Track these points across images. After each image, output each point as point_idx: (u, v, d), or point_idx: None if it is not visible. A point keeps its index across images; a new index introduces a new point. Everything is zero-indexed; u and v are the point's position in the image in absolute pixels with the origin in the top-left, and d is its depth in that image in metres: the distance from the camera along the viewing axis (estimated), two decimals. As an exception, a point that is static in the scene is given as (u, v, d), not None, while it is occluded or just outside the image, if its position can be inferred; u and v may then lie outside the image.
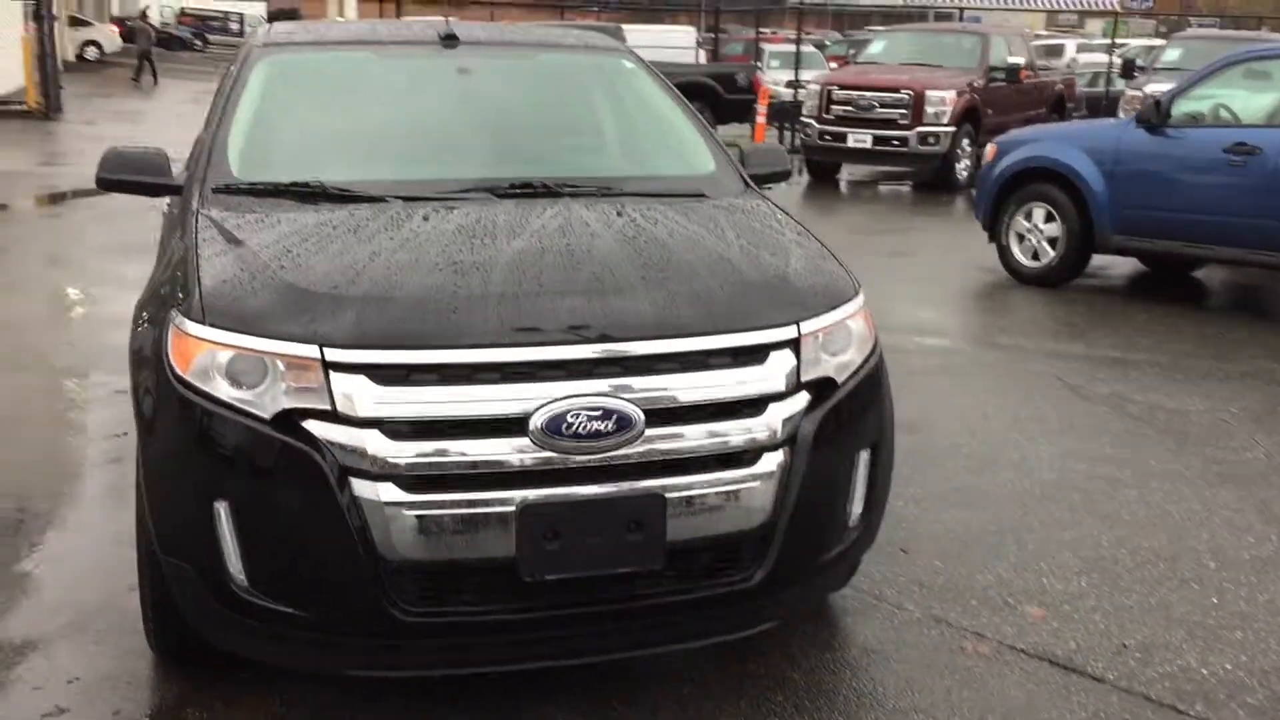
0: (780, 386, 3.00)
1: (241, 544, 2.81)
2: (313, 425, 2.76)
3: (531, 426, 2.77)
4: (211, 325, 2.87)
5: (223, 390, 2.80)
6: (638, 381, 2.86)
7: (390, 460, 2.73)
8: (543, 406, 2.78)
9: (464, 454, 2.76)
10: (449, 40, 4.33)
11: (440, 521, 2.76)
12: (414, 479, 2.75)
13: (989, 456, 5.20)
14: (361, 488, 2.74)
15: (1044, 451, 5.28)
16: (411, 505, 2.74)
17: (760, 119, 15.52)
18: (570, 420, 2.78)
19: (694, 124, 4.26)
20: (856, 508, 3.25)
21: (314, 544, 2.77)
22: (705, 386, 2.93)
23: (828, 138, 15.08)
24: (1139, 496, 4.81)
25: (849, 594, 3.88)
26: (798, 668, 3.49)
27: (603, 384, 2.83)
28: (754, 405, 2.98)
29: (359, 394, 2.74)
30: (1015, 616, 3.81)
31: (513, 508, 2.77)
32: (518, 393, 2.79)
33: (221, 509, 2.80)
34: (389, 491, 2.74)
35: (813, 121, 15.22)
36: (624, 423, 2.81)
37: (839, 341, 3.20)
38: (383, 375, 2.77)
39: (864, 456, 3.24)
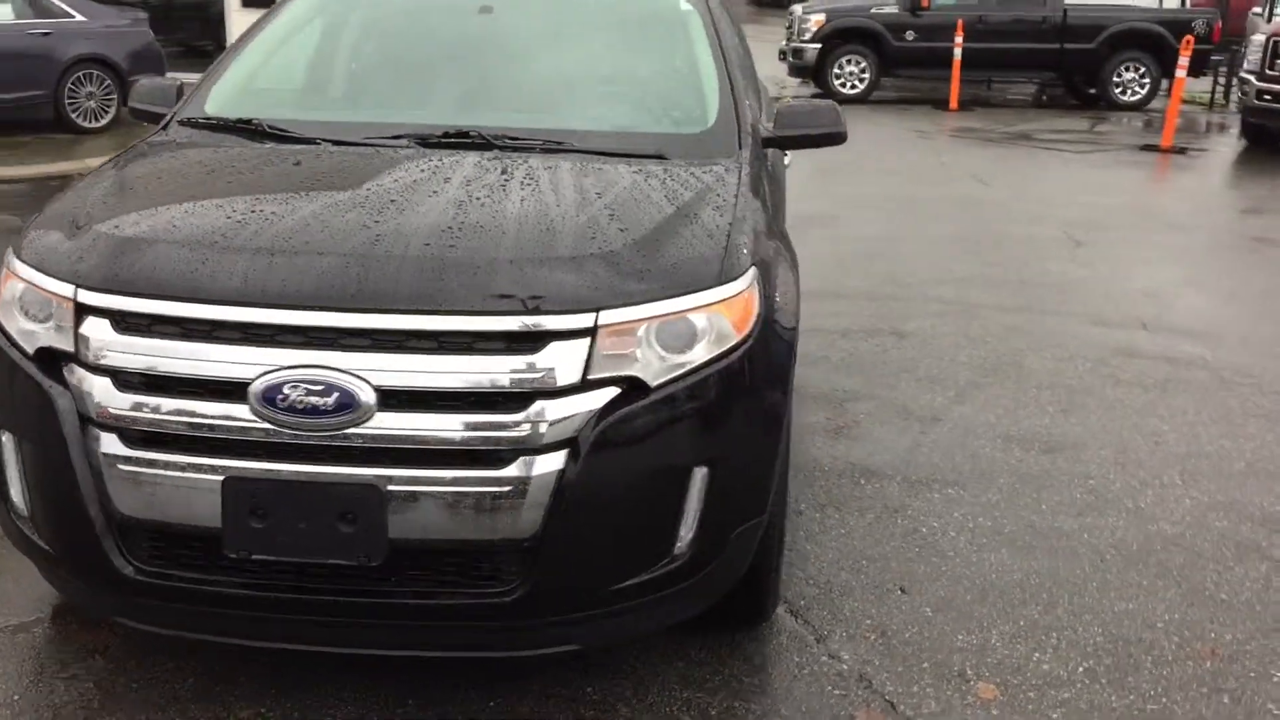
0: (556, 381, 2.61)
1: (21, 476, 2.86)
2: (67, 367, 2.74)
3: (250, 394, 2.59)
4: (18, 257, 2.92)
5: (14, 323, 2.85)
6: (379, 359, 2.60)
7: (115, 412, 2.67)
8: (265, 375, 2.58)
9: (181, 414, 2.64)
10: None
11: (155, 482, 2.66)
12: (137, 434, 2.67)
13: (1110, 497, 4.30)
14: (95, 437, 2.69)
15: (1186, 504, 4.29)
16: (130, 460, 2.67)
17: (1180, 72, 13.69)
18: (287, 392, 2.57)
19: (720, 75, 3.79)
20: (686, 532, 2.78)
21: (59, 488, 2.76)
22: (461, 372, 2.60)
23: (1267, 97, 13.07)
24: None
25: (790, 626, 3.40)
26: (639, 692, 3.08)
27: (337, 356, 2.59)
28: (519, 400, 2.60)
29: (98, 339, 2.70)
30: (956, 692, 3.14)
31: (220, 478, 2.61)
32: (248, 356, 2.62)
33: (6, 439, 2.86)
34: (113, 444, 2.68)
35: (1251, 78, 13.25)
36: (346, 402, 2.56)
37: (676, 336, 2.73)
38: (125, 323, 2.69)
39: (700, 474, 2.76)
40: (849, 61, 17.92)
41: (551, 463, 2.61)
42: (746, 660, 3.26)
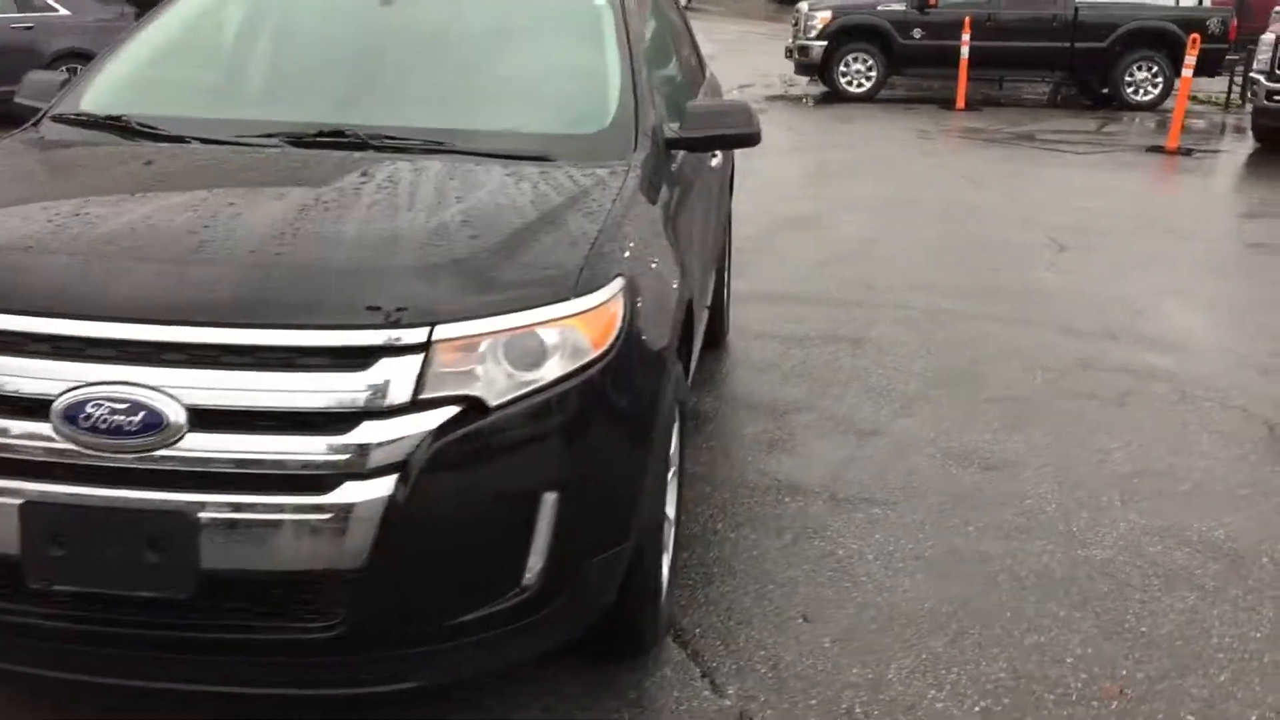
0: (384, 401, 2.43)
1: None
2: None
3: (52, 412, 2.42)
4: None
5: None
6: (193, 375, 2.43)
7: None
8: (69, 391, 2.42)
9: None
10: None
11: None
12: None
13: (1043, 519, 4.09)
14: None
15: (1121, 527, 4.07)
16: None
17: (1186, 71, 13.37)
18: (90, 410, 2.40)
19: (624, 74, 3.60)
20: (535, 562, 2.59)
21: None
22: (279, 390, 2.43)
23: (1278, 98, 12.74)
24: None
25: (676, 658, 3.24)
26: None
27: (148, 372, 2.42)
28: (343, 421, 2.43)
29: None
30: (834, 733, 2.95)
31: (18, 501, 2.44)
32: (55, 371, 2.45)
33: None
34: None
35: (1261, 78, 12.92)
36: (153, 421, 2.39)
37: (524, 352, 2.55)
38: None
39: (549, 499, 2.57)
40: (856, 59, 17.65)
41: (379, 489, 2.44)
42: (620, 695, 3.08)
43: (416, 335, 2.46)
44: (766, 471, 4.42)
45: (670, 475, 3.38)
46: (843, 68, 17.63)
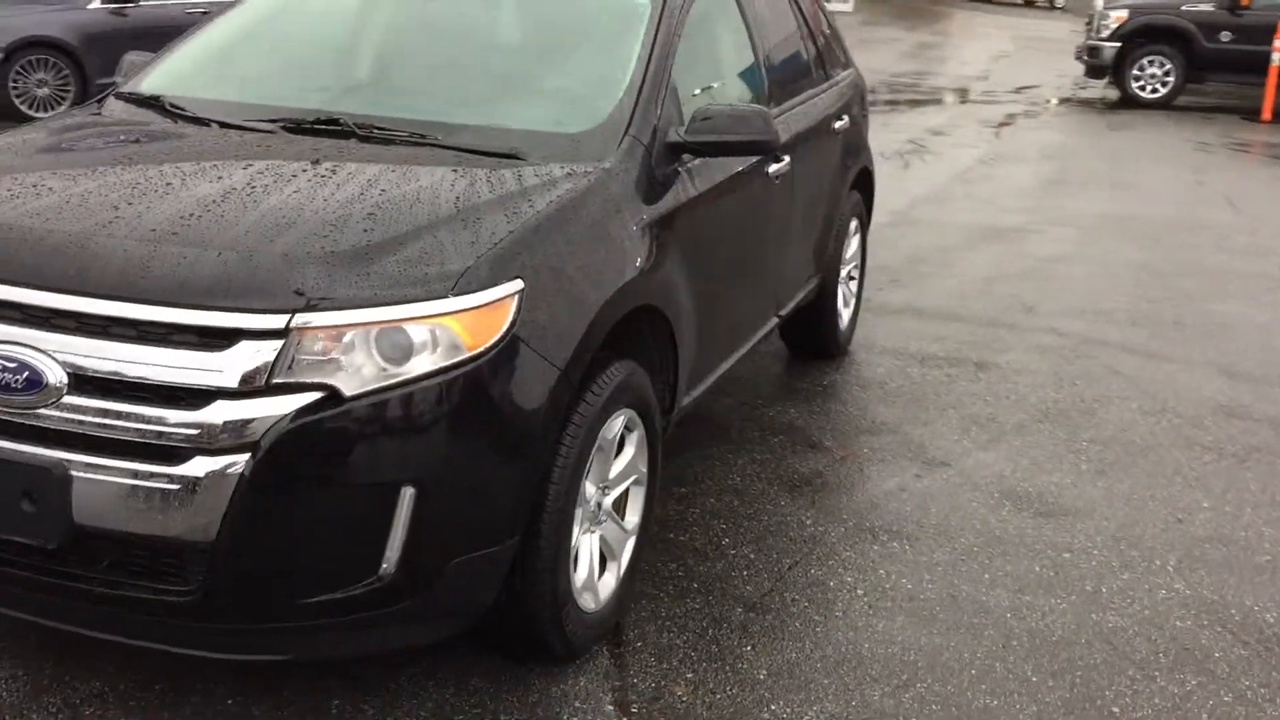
0: (239, 382, 2.54)
1: None
2: None
3: None
4: None
5: None
6: (81, 342, 2.61)
7: None
8: None
9: None
10: None
11: None
12: None
13: (1074, 575, 3.78)
14: None
15: (1160, 595, 3.69)
16: None
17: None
18: (-8, 370, 2.63)
19: (635, 75, 3.56)
20: (392, 553, 2.64)
21: None
22: (149, 363, 2.58)
23: None
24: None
25: (601, 668, 3.20)
26: (383, 713, 2.97)
27: (44, 336, 2.63)
28: (201, 397, 2.56)
29: None
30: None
31: None
32: (-37, 329, 2.68)
33: None
34: None
35: None
36: (35, 381, 2.59)
37: (394, 346, 2.60)
38: None
39: (408, 493, 2.62)
40: (1151, 62, 16.55)
41: (229, 466, 2.54)
42: (520, 699, 3.07)
43: (275, 321, 2.55)
44: (803, 493, 4.26)
45: (631, 483, 3.35)
46: (1136, 71, 16.57)
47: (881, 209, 8.87)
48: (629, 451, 3.35)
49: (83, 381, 2.58)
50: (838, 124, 5.16)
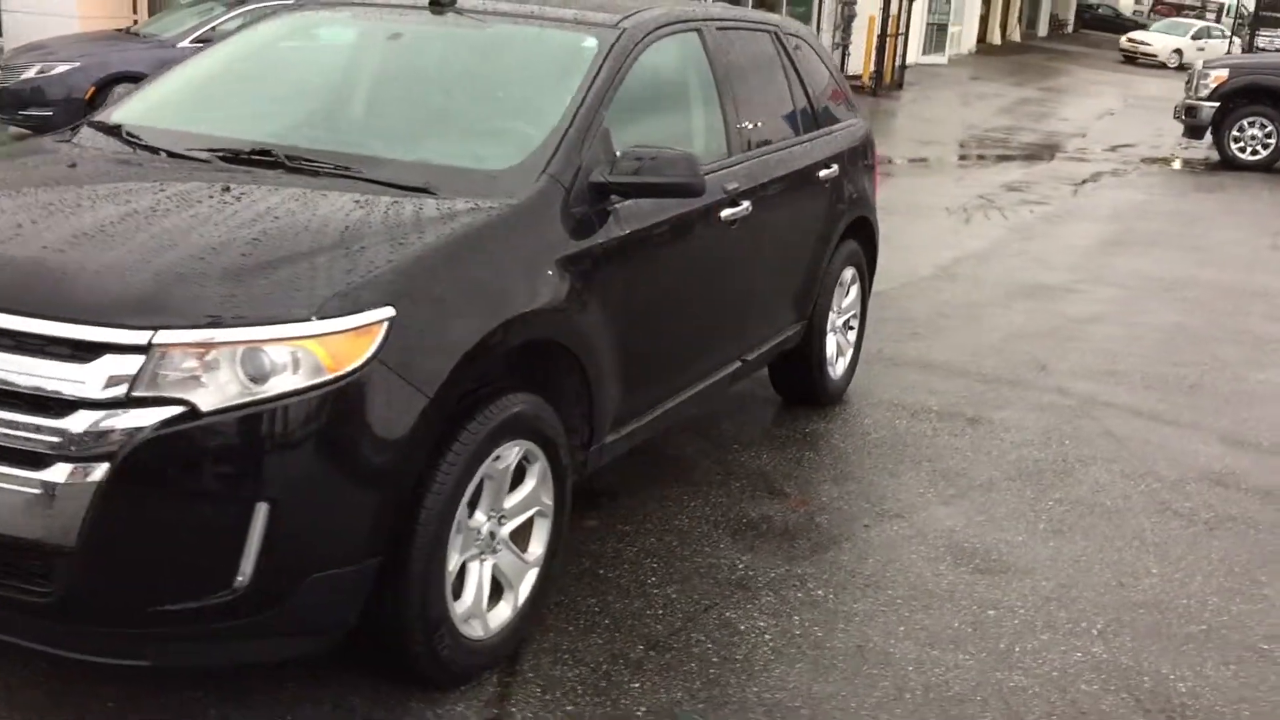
0: (101, 394, 2.67)
1: None
2: None
3: None
4: None
5: None
6: None
7: None
8: None
9: None
10: (438, 6, 4.20)
11: None
12: None
13: (992, 633, 3.71)
14: None
15: (1074, 657, 3.60)
16: None
17: None
18: (-114, 369, 2.80)
19: (569, 115, 3.65)
20: (246, 567, 2.75)
21: None
22: (24, 373, 2.73)
23: None
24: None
25: (483, 696, 3.25)
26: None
27: None
28: (66, 406, 2.69)
29: None
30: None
31: None
32: None
33: None
34: None
35: None
36: (-73, 384, 2.76)
37: (255, 366, 2.72)
38: None
39: (261, 509, 2.72)
40: (1251, 123, 16.16)
41: (89, 473, 2.66)
42: None
43: (139, 337, 2.67)
44: (744, 538, 4.26)
45: (534, 514, 3.41)
46: (1235, 132, 16.20)
47: (925, 262, 8.87)
48: (529, 483, 3.40)
49: (-44, 387, 2.73)
50: (823, 173, 5.18)
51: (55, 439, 2.67)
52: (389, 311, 2.86)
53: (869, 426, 5.46)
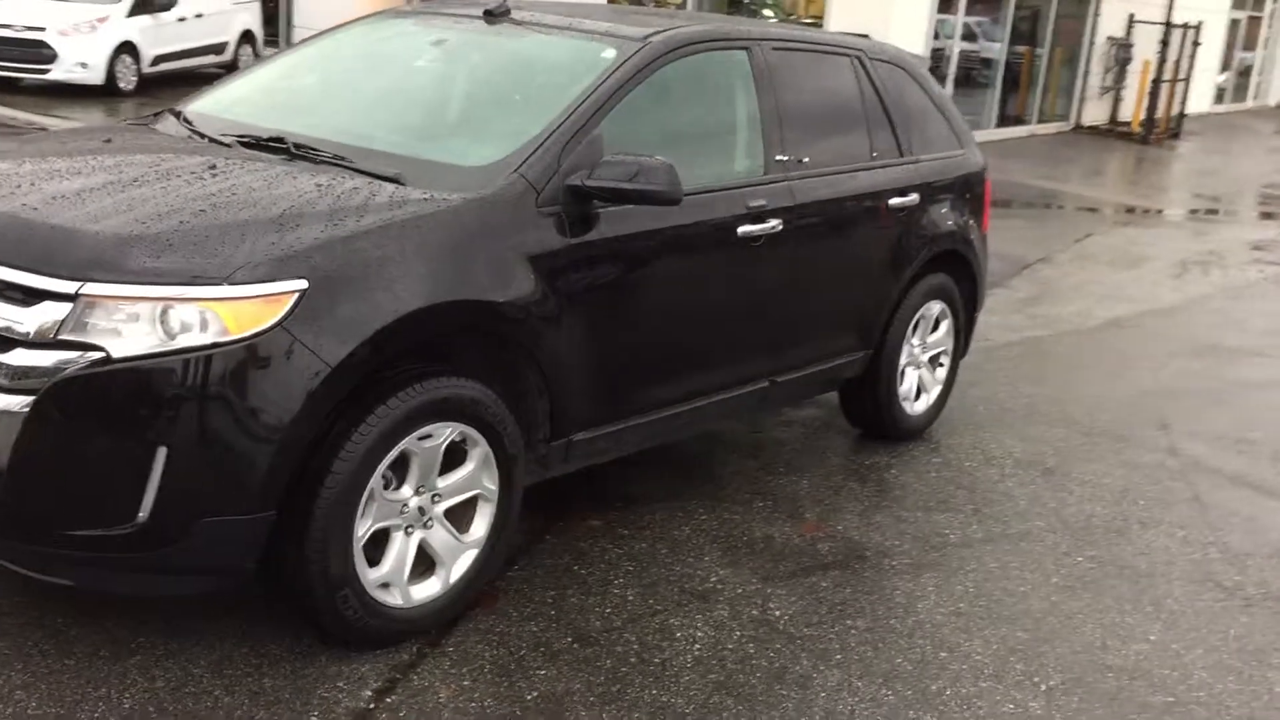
0: (32, 334, 3.02)
1: None
2: None
3: None
4: None
5: None
6: None
7: None
8: None
9: None
10: (491, 15, 4.46)
11: None
12: None
13: (926, 675, 3.57)
14: None
15: (1005, 709, 3.42)
16: None
17: None
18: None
19: (558, 120, 3.81)
20: (148, 502, 3.03)
21: None
22: (-12, 315, 3.10)
23: None
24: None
25: (394, 666, 3.43)
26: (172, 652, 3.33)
27: None
28: (7, 344, 3.05)
29: None
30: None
31: None
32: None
33: None
34: None
35: None
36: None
37: (167, 320, 3.01)
38: None
39: (161, 452, 3.01)
40: None
41: (17, 404, 3.00)
42: (295, 669, 3.34)
43: (69, 287, 3.01)
44: (736, 554, 4.27)
45: (474, 497, 3.57)
46: None
47: (1102, 312, 8.47)
48: (468, 466, 3.55)
49: (-59, 322, 3.13)
50: (896, 200, 5.09)
51: (-2, 373, 3.02)
52: (300, 284, 3.08)
53: (933, 465, 5.30)
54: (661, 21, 4.49)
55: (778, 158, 4.52)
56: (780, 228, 4.42)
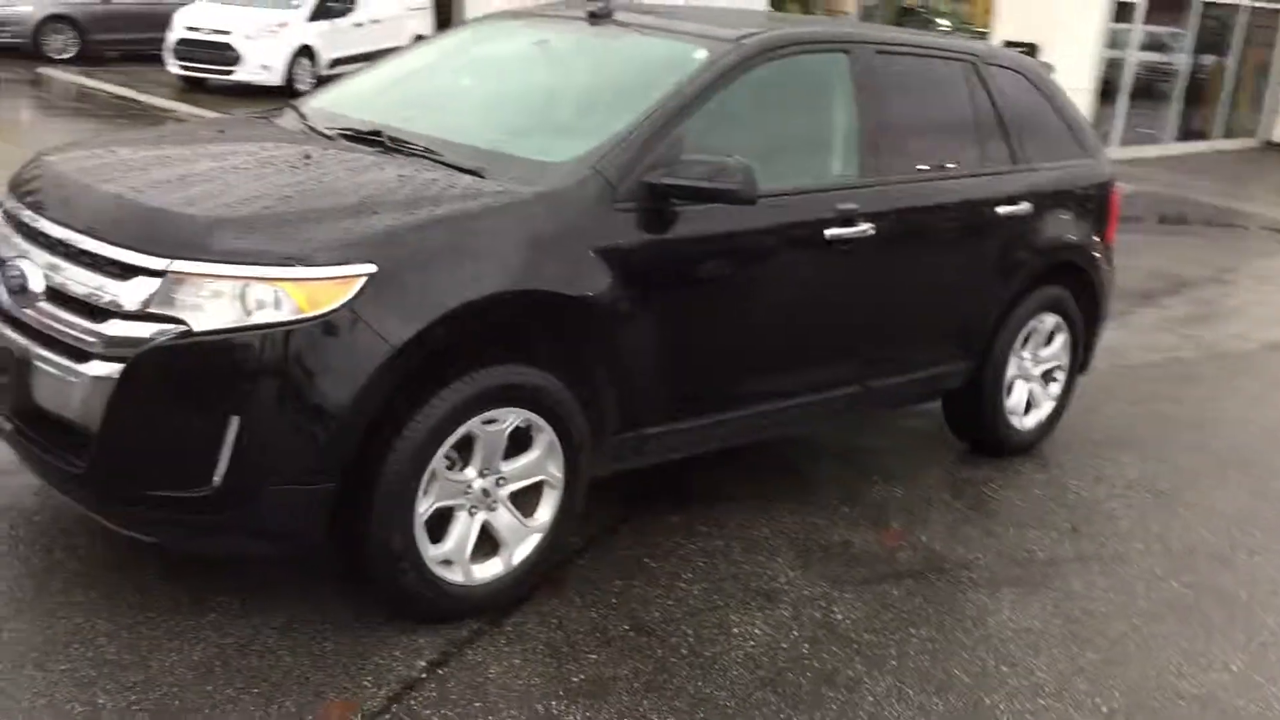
0: (126, 305, 3.25)
1: None
2: None
3: None
4: None
5: None
6: (59, 263, 3.45)
7: None
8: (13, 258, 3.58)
9: None
10: (595, 17, 4.59)
11: None
12: None
13: (968, 688, 3.51)
14: None
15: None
16: None
17: None
18: (8, 273, 3.54)
19: (641, 119, 3.88)
20: (222, 467, 3.23)
21: None
22: (88, 286, 3.36)
23: None
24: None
25: (448, 641, 3.54)
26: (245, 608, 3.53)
27: (43, 255, 3.49)
28: (106, 314, 3.30)
29: None
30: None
31: None
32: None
33: None
34: None
35: None
36: (21, 288, 3.47)
37: (247, 298, 3.20)
38: None
39: (234, 420, 3.20)
40: None
41: (110, 370, 3.23)
42: (356, 634, 3.49)
43: (159, 264, 3.22)
44: (810, 557, 4.26)
45: (540, 482, 3.68)
46: None
47: (1262, 336, 8.06)
48: (534, 452, 3.66)
49: (53, 292, 3.40)
50: (1005, 209, 4.99)
51: (94, 340, 3.26)
52: (369, 268, 3.23)
53: (1037, 482, 5.18)
54: (761, 24, 4.51)
55: (873, 162, 4.49)
56: (872, 232, 4.39)
